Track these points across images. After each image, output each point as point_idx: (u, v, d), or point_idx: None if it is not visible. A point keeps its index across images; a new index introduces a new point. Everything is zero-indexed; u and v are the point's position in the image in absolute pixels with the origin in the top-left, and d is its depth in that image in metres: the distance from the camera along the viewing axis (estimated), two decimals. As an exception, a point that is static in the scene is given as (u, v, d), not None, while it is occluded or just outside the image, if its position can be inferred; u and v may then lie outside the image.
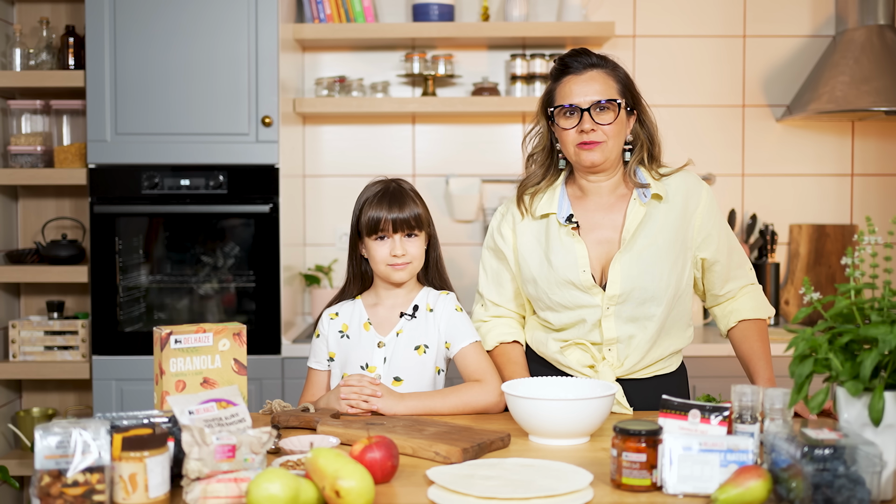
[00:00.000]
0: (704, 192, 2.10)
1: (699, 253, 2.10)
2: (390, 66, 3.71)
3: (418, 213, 2.12)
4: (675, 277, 2.05)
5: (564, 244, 2.07)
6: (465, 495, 1.41)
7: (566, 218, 2.08)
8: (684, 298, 2.11)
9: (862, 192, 3.72)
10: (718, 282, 2.14)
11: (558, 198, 2.11)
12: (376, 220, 2.09)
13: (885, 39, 3.43)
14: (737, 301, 2.16)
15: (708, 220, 2.09)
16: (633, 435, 1.46)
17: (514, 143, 3.73)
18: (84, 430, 1.35)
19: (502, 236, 2.17)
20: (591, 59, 2.07)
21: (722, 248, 2.11)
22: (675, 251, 2.05)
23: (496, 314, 2.22)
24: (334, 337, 2.18)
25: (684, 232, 2.07)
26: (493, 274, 2.21)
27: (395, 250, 2.09)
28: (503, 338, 2.18)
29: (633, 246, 2.04)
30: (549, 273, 2.07)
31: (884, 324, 1.40)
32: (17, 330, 3.31)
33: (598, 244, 2.07)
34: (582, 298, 2.05)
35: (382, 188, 2.14)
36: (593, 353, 2.07)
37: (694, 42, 3.71)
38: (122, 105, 3.18)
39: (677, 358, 2.16)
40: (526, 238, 2.13)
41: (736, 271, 2.15)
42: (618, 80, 2.06)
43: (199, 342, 1.78)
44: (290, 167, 3.38)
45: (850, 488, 1.32)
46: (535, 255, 2.11)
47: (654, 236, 2.04)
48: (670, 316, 2.07)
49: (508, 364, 2.14)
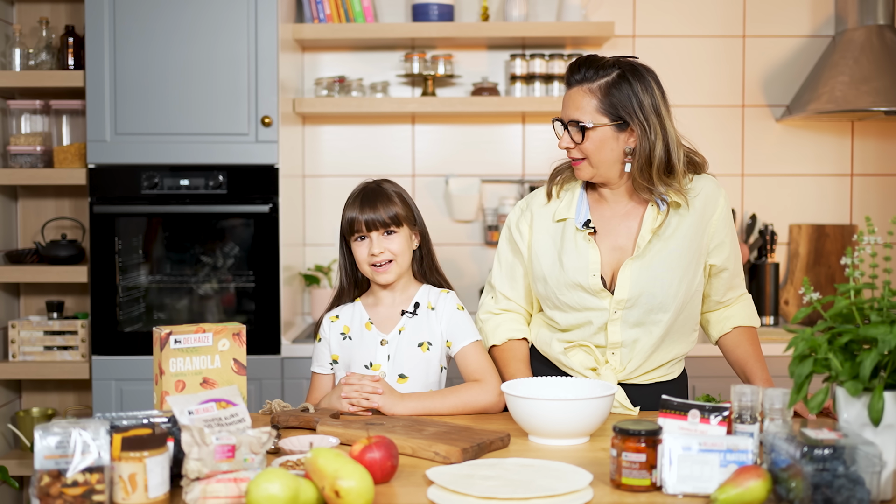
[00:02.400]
0: (722, 199, 2.08)
1: (710, 259, 2.09)
2: (390, 66, 3.71)
3: (395, 212, 2.11)
4: (685, 284, 2.03)
5: (579, 248, 2.06)
6: (465, 495, 1.41)
7: (584, 223, 2.07)
8: (693, 304, 2.09)
9: (861, 192, 3.72)
10: (722, 289, 2.14)
11: (577, 202, 2.10)
12: (351, 221, 2.11)
13: (884, 39, 3.43)
14: (732, 308, 2.17)
15: (722, 228, 2.07)
16: (633, 435, 1.46)
17: (514, 144, 3.73)
18: (84, 430, 1.35)
19: (520, 231, 2.16)
20: (580, 74, 2.00)
21: (732, 256, 2.10)
22: (688, 258, 2.03)
23: (506, 308, 2.20)
24: (336, 340, 2.18)
25: (699, 238, 2.05)
26: (508, 267, 2.20)
27: (372, 249, 2.10)
28: (513, 334, 2.17)
29: (645, 252, 2.02)
30: (560, 274, 2.06)
31: (883, 324, 1.40)
32: (17, 330, 3.31)
33: (612, 250, 2.06)
34: (590, 301, 2.05)
35: (361, 189, 2.16)
36: (597, 356, 2.07)
37: (693, 42, 3.71)
38: (121, 105, 3.18)
39: (679, 365, 2.15)
40: (541, 236, 2.12)
41: (737, 279, 2.15)
42: (602, 97, 1.97)
43: (199, 342, 1.78)
44: (289, 167, 3.38)
45: (850, 488, 1.32)
46: (548, 254, 2.10)
47: (667, 243, 2.03)
48: (677, 321, 2.06)
49: (514, 361, 2.14)
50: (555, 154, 2.17)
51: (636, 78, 1.98)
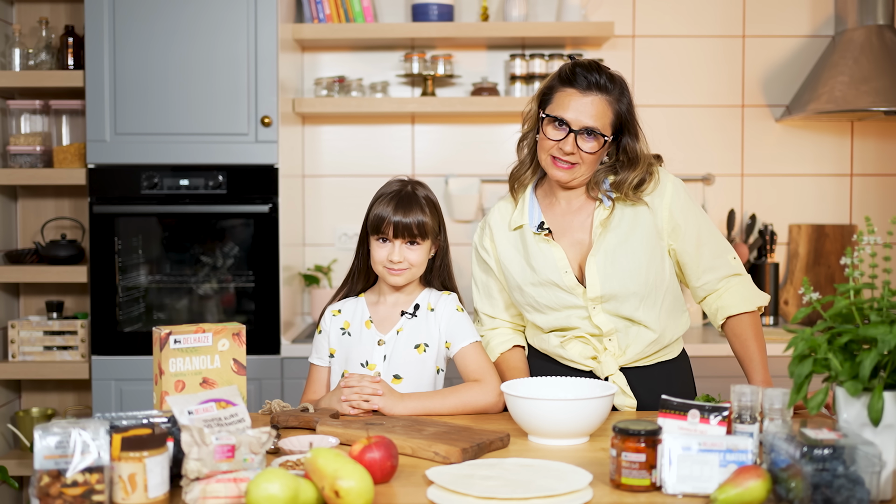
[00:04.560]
0: (670, 184, 2.09)
1: (670, 243, 2.10)
2: (389, 66, 3.71)
3: (423, 221, 2.09)
4: (654, 272, 2.06)
5: (542, 250, 2.10)
6: (465, 495, 1.41)
7: (538, 226, 2.10)
8: (672, 288, 2.12)
9: (861, 193, 3.73)
10: (691, 274, 2.12)
11: (528, 206, 2.13)
12: (380, 220, 2.10)
13: (884, 39, 3.43)
14: (722, 297, 2.12)
15: (676, 211, 2.08)
16: (633, 435, 1.46)
17: (514, 144, 3.71)
18: (83, 430, 1.35)
19: (485, 249, 2.21)
20: (600, 80, 2.02)
21: (689, 239, 2.08)
22: (651, 246, 2.06)
23: (492, 327, 2.25)
24: (336, 333, 2.18)
25: (654, 224, 2.07)
26: (484, 287, 2.25)
27: (392, 255, 2.09)
28: (502, 347, 2.22)
29: (602, 246, 2.05)
30: (533, 276, 2.10)
31: (883, 324, 1.40)
32: (17, 330, 3.31)
33: (572, 246, 2.10)
34: (567, 299, 2.08)
35: (397, 189, 2.14)
36: (594, 345, 2.09)
37: (693, 42, 3.71)
38: (121, 105, 3.18)
39: (678, 345, 2.18)
40: (504, 247, 2.16)
41: (712, 261, 2.10)
42: (616, 111, 2.04)
43: (199, 342, 1.78)
44: (289, 167, 3.38)
45: (850, 488, 1.32)
46: (515, 262, 2.14)
47: (624, 235, 2.06)
48: (663, 307, 2.08)
49: (510, 371, 2.18)
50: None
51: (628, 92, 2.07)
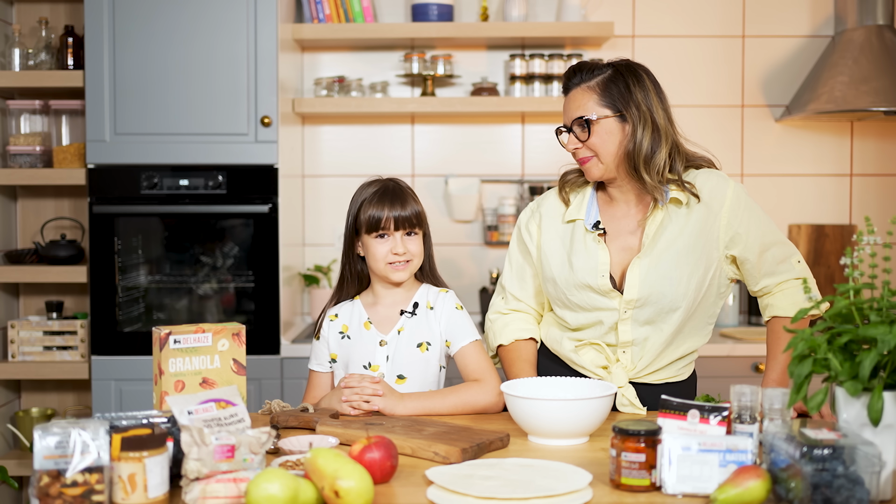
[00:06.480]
0: (730, 190, 2.05)
1: (729, 251, 2.06)
2: (389, 66, 3.71)
3: (419, 211, 2.13)
4: (695, 282, 2.02)
5: (588, 249, 2.07)
6: (465, 495, 1.41)
7: (593, 224, 2.08)
8: (707, 301, 2.08)
9: (861, 193, 3.73)
10: (751, 279, 2.11)
11: (587, 203, 2.11)
12: (377, 219, 2.10)
13: (884, 39, 3.43)
14: (774, 297, 2.11)
15: (735, 219, 2.04)
16: (633, 435, 1.46)
17: (514, 144, 3.73)
18: (83, 430, 1.35)
19: (529, 233, 2.19)
20: (577, 78, 2.06)
21: (751, 247, 2.06)
22: (696, 254, 2.02)
23: (515, 308, 2.22)
24: (335, 338, 2.18)
25: (708, 234, 2.03)
26: (518, 268, 2.22)
27: (395, 248, 2.09)
28: (520, 334, 2.18)
29: (651, 251, 2.02)
30: (570, 275, 2.07)
31: (883, 324, 1.40)
32: (17, 330, 3.31)
33: (621, 251, 2.07)
34: (600, 301, 2.05)
35: (381, 186, 2.14)
36: (608, 355, 2.08)
37: (693, 42, 3.71)
38: (121, 105, 3.18)
39: (690, 367, 2.15)
40: (550, 237, 2.14)
41: (774, 267, 2.08)
42: (601, 91, 2.02)
43: (199, 342, 1.78)
44: (289, 167, 3.38)
45: (849, 488, 1.32)
46: (557, 255, 2.11)
47: (673, 240, 2.02)
48: (691, 318, 2.06)
49: (519, 361, 2.15)
50: (554, 154, 2.18)
51: (630, 73, 2.04)
